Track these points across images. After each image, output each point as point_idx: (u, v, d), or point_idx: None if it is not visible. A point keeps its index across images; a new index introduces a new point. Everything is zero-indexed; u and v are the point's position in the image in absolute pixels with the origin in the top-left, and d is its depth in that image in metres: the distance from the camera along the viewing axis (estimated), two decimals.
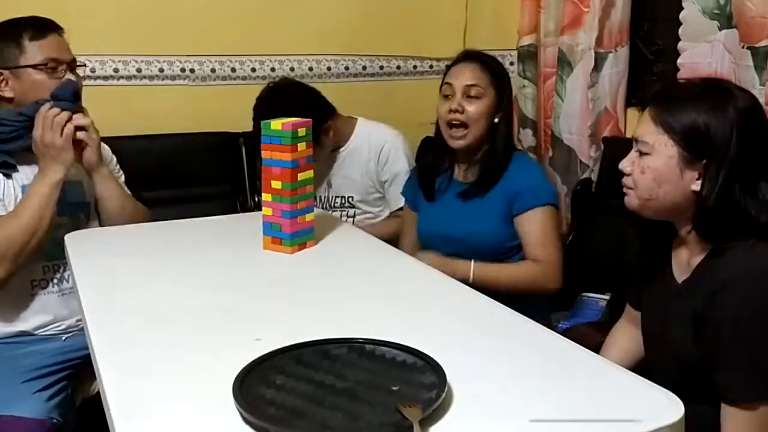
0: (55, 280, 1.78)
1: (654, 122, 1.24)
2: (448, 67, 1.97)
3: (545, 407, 0.89)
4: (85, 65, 1.83)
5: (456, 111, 1.86)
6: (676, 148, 1.22)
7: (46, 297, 1.77)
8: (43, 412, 1.57)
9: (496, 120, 1.89)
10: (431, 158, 2.01)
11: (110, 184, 1.82)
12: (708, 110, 1.20)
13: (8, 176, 1.72)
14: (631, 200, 1.30)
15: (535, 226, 1.83)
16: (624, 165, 1.30)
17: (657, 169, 1.24)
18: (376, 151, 2.26)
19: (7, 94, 1.73)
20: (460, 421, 0.86)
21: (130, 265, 1.52)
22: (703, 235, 1.24)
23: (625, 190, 1.31)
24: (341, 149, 2.29)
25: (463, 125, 1.86)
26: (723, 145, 1.19)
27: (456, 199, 1.93)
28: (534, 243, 1.82)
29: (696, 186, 1.22)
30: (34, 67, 1.72)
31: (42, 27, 1.75)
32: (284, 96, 2.15)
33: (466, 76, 1.89)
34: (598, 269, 2.42)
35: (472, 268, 1.81)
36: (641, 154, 1.26)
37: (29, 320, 1.76)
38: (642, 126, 1.27)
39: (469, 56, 1.95)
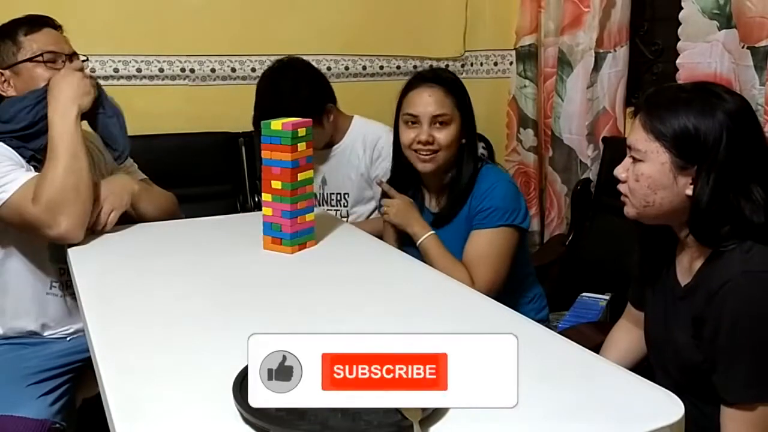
0: (70, 284, 1.78)
1: (645, 129, 1.24)
2: (405, 91, 1.83)
3: (545, 407, 0.90)
4: (87, 59, 1.82)
5: (427, 143, 1.76)
6: (668, 155, 1.22)
7: (60, 299, 1.76)
8: (47, 417, 1.56)
9: (462, 141, 1.82)
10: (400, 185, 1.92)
11: (150, 203, 1.82)
12: (697, 115, 1.20)
13: (38, 168, 1.69)
14: (629, 210, 1.31)
15: (476, 247, 1.77)
16: (619, 172, 1.31)
17: (651, 176, 1.24)
18: (371, 146, 2.24)
19: (10, 92, 1.73)
20: (460, 421, 0.86)
21: (130, 265, 1.52)
22: (699, 239, 1.24)
23: (622, 198, 1.31)
24: (336, 145, 2.27)
25: (433, 150, 1.78)
26: (713, 149, 1.18)
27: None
28: (469, 261, 1.76)
29: (690, 190, 1.22)
30: (31, 60, 1.71)
31: (36, 22, 1.75)
32: (294, 71, 2.13)
33: (431, 104, 1.77)
34: (597, 269, 2.42)
35: (424, 238, 1.79)
36: (635, 160, 1.27)
37: (41, 321, 1.75)
38: (634, 133, 1.27)
39: (428, 79, 1.81)
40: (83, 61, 1.80)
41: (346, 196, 2.29)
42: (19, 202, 1.58)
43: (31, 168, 1.68)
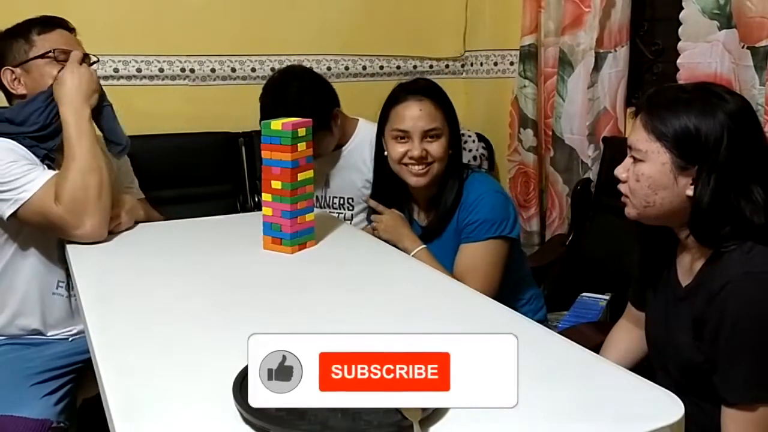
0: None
1: (646, 129, 1.24)
2: (391, 104, 1.79)
3: (545, 407, 0.90)
4: (98, 60, 1.82)
5: (421, 158, 1.73)
6: (669, 155, 1.22)
7: (65, 300, 1.76)
8: (50, 417, 1.56)
9: (449, 152, 1.79)
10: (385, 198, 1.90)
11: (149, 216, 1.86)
12: (698, 115, 1.19)
13: (51, 167, 1.70)
14: (630, 210, 1.31)
15: (465, 260, 1.76)
16: (619, 172, 1.31)
17: (651, 176, 1.24)
18: None
19: (21, 90, 1.73)
20: (459, 421, 0.86)
21: (130, 265, 1.52)
22: (700, 240, 1.24)
23: (623, 199, 1.31)
24: (342, 148, 2.26)
25: (427, 164, 1.76)
26: (714, 150, 1.18)
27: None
28: (460, 274, 1.74)
29: (691, 191, 1.22)
30: (42, 57, 1.71)
31: (50, 22, 1.75)
32: (298, 81, 2.12)
33: (422, 118, 1.73)
34: (597, 269, 2.42)
35: (415, 252, 1.76)
36: (635, 160, 1.27)
37: (45, 320, 1.75)
38: (635, 133, 1.27)
39: (416, 92, 1.76)
40: (94, 62, 1.80)
41: (350, 200, 2.28)
42: (42, 203, 1.59)
43: (45, 167, 1.67)
